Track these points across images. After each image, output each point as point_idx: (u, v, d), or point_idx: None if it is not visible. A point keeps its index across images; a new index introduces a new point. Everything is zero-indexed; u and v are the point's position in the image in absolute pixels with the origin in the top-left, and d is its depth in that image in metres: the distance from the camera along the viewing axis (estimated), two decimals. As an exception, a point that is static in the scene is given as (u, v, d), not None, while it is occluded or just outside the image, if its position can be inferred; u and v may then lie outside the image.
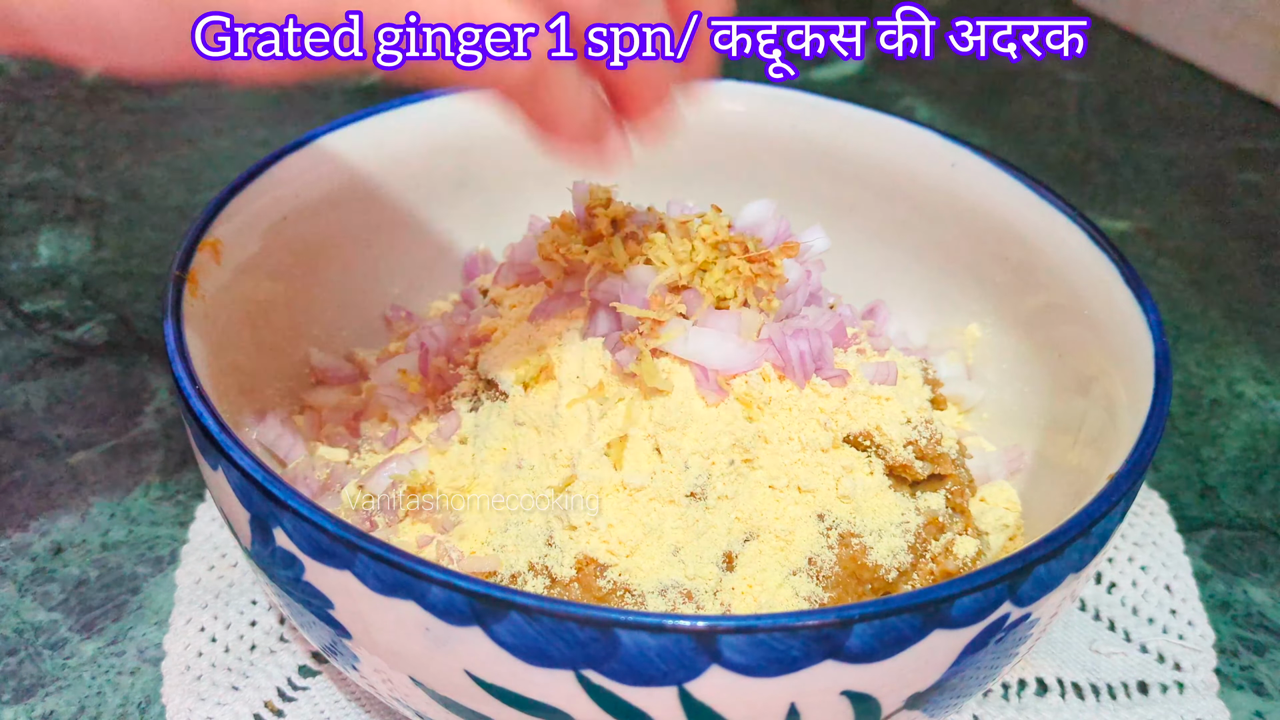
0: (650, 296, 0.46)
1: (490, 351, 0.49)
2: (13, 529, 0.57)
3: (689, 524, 0.43)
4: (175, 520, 0.58)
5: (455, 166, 0.61)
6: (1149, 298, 0.48)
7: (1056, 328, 0.54)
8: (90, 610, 0.54)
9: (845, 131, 0.61)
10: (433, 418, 0.50)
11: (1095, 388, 0.50)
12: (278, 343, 0.55)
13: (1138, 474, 0.40)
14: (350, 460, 0.51)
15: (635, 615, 0.33)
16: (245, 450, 0.38)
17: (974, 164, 0.57)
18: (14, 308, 0.72)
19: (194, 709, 0.49)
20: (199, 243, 0.48)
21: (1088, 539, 0.38)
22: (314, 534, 0.36)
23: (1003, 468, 0.55)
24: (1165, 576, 0.58)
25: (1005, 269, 0.57)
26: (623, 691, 0.35)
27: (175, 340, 0.43)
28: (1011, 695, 0.52)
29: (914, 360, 0.53)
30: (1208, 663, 0.54)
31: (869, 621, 0.34)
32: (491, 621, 0.34)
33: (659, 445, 0.44)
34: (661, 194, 0.56)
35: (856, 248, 0.62)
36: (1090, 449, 0.49)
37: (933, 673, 0.37)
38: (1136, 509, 0.62)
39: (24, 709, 0.49)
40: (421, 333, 0.54)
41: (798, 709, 0.36)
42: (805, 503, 0.44)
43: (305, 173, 0.54)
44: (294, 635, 0.53)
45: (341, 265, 0.58)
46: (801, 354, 0.45)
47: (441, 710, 0.39)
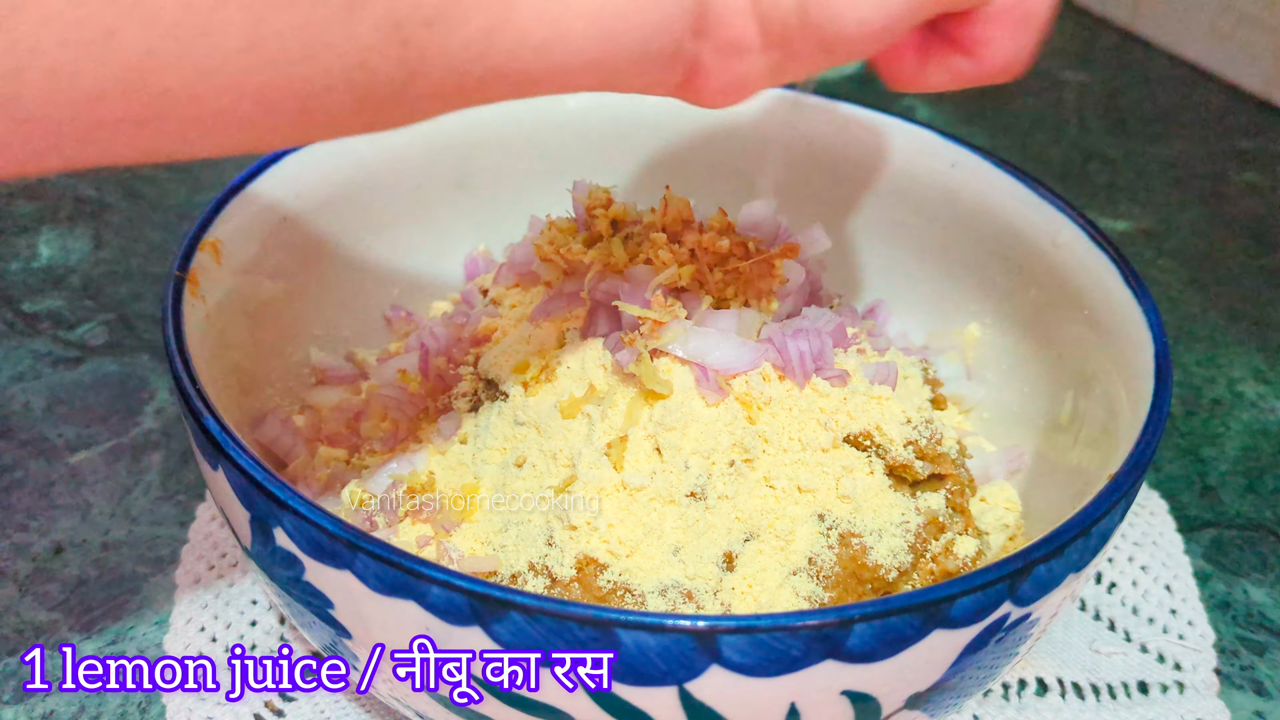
0: (650, 297, 0.46)
1: (490, 351, 0.49)
2: (13, 529, 0.57)
3: (689, 524, 0.43)
4: (175, 520, 0.58)
5: (455, 166, 0.61)
6: (1149, 298, 0.48)
7: (1056, 328, 0.54)
8: (90, 610, 0.54)
9: (845, 131, 0.61)
10: (433, 418, 0.50)
11: (1095, 388, 0.50)
12: (278, 343, 0.55)
13: (1138, 474, 0.40)
14: (350, 460, 0.51)
15: (635, 615, 0.33)
16: (245, 450, 0.38)
17: (974, 164, 0.57)
18: (14, 308, 0.72)
19: (194, 709, 0.49)
20: (199, 243, 0.48)
21: (1088, 539, 0.38)
22: (314, 534, 0.36)
23: (1003, 468, 0.55)
24: (1165, 576, 0.58)
25: (1005, 269, 0.57)
26: (623, 691, 0.35)
27: (175, 340, 0.43)
28: (1011, 695, 0.52)
29: (914, 360, 0.53)
30: (1208, 663, 0.54)
31: (869, 621, 0.34)
32: (492, 621, 0.34)
33: (659, 445, 0.44)
34: (661, 194, 0.56)
35: (856, 248, 0.62)
36: (1090, 449, 0.49)
37: (933, 673, 0.37)
38: (1136, 509, 0.62)
39: (24, 709, 0.49)
40: (421, 333, 0.54)
41: (798, 709, 0.36)
42: (805, 503, 0.44)
43: (305, 173, 0.54)
44: (294, 635, 0.53)
45: (341, 265, 0.58)
46: (801, 354, 0.45)
47: (442, 710, 0.39)
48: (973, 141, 0.58)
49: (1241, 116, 1.03)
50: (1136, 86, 1.08)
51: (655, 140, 0.63)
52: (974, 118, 1.02)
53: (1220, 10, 1.05)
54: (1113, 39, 1.16)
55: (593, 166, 0.62)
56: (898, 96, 1.01)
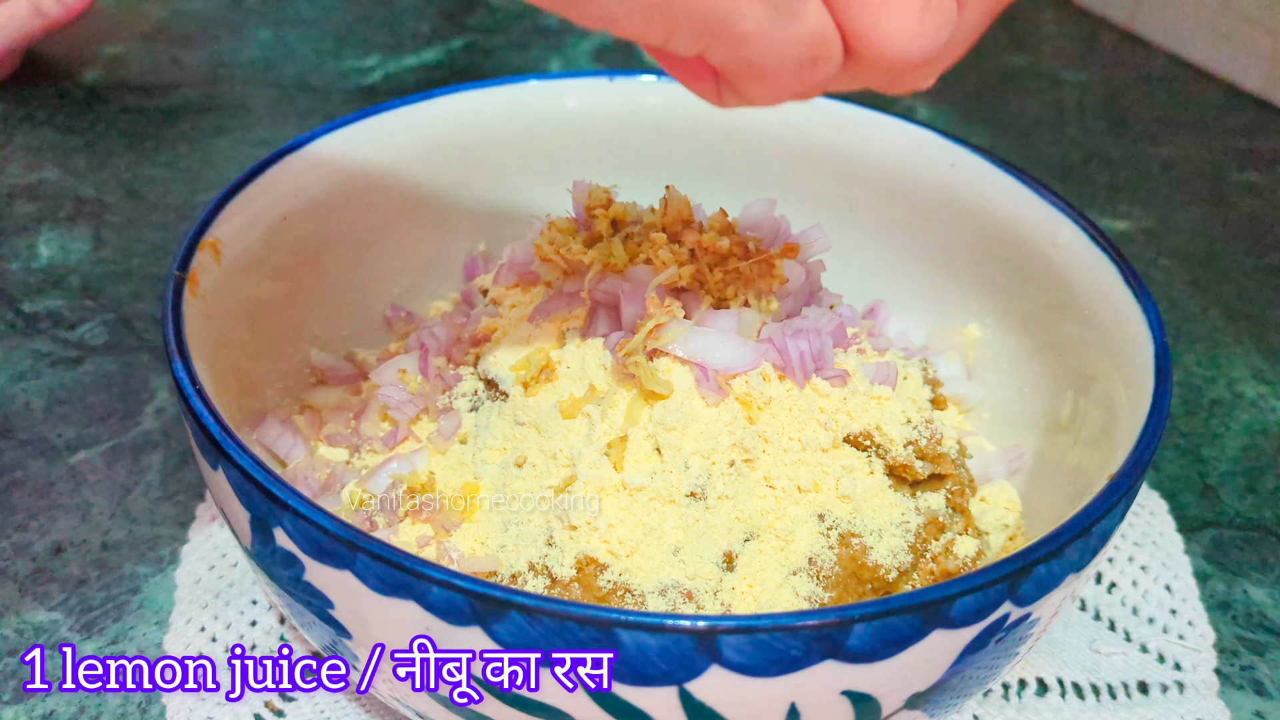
0: (649, 297, 0.46)
1: (490, 351, 0.49)
2: (13, 529, 0.57)
3: (689, 524, 0.43)
4: (175, 520, 0.58)
5: (455, 166, 0.61)
6: (1149, 298, 0.48)
7: (1056, 328, 0.54)
8: (90, 610, 0.54)
9: (845, 131, 0.61)
10: (433, 418, 0.50)
11: (1095, 388, 0.50)
12: (278, 343, 0.55)
13: (1138, 474, 0.40)
14: (350, 460, 0.51)
15: (636, 615, 0.33)
16: (245, 450, 0.38)
17: (974, 164, 0.57)
18: (14, 308, 0.72)
19: (194, 709, 0.49)
20: (199, 243, 0.48)
21: (1088, 539, 0.38)
22: (314, 534, 0.36)
23: (1003, 468, 0.55)
24: (1165, 576, 0.58)
25: (1005, 269, 0.57)
26: (623, 691, 0.35)
27: (175, 340, 0.43)
28: (1011, 695, 0.52)
29: (914, 360, 0.53)
30: (1208, 663, 0.54)
31: (869, 621, 0.34)
32: (492, 621, 0.34)
33: (659, 445, 0.44)
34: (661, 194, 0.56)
35: (856, 248, 0.62)
36: (1090, 449, 0.49)
37: (933, 673, 0.37)
38: (1136, 509, 0.62)
39: (24, 709, 0.49)
40: (421, 333, 0.54)
41: (798, 709, 0.36)
42: (805, 503, 0.44)
43: (305, 173, 0.54)
44: (294, 635, 0.53)
45: (341, 265, 0.58)
46: (801, 354, 0.45)
47: (442, 710, 0.39)
48: (973, 141, 0.58)
49: (1241, 116, 1.03)
50: (1136, 86, 1.08)
51: (655, 140, 0.63)
52: (974, 118, 1.02)
53: (1220, 10, 1.05)
54: (1113, 39, 1.16)
55: (593, 166, 0.62)
56: (898, 96, 1.01)
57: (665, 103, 0.62)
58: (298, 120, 0.94)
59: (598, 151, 0.63)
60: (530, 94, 0.61)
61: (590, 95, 0.62)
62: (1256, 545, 0.61)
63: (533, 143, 0.62)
